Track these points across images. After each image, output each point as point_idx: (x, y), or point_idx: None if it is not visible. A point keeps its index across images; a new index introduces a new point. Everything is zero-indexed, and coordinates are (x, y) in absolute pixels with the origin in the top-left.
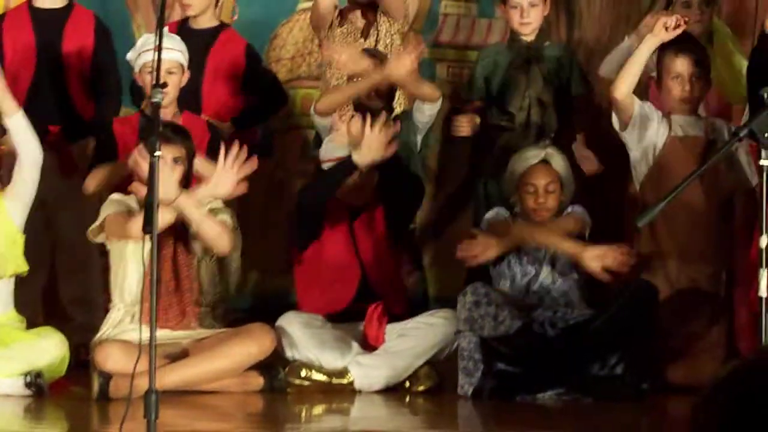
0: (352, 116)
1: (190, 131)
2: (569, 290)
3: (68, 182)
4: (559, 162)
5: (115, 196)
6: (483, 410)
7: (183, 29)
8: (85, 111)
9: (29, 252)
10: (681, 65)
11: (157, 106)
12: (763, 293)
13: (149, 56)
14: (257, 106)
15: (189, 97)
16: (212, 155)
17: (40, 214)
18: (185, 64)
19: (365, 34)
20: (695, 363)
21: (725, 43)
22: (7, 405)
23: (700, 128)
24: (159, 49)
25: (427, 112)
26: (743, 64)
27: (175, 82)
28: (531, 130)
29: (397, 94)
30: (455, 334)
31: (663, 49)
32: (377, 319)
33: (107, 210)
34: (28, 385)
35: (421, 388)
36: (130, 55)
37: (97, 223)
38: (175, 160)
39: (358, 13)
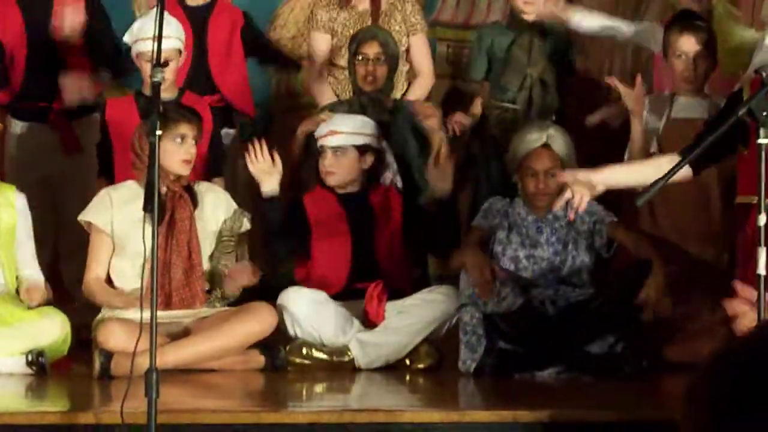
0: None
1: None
2: (581, 270)
3: (72, 161)
4: (560, 144)
5: (105, 192)
6: (483, 387)
7: (182, 7)
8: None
9: (33, 231)
10: (686, 43)
11: (157, 86)
12: (761, 271)
13: (146, 45)
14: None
15: (200, 78)
16: (213, 143)
17: (44, 193)
18: (182, 47)
19: (375, 17)
20: (696, 342)
21: (722, 21)
22: (9, 384)
23: (703, 109)
24: (159, 28)
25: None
26: (744, 35)
27: (173, 68)
28: (533, 110)
29: (397, 81)
30: (458, 309)
31: (669, 28)
32: (377, 297)
33: (95, 211)
34: (30, 364)
35: (421, 365)
36: (126, 38)
37: (85, 217)
38: (194, 139)
39: None
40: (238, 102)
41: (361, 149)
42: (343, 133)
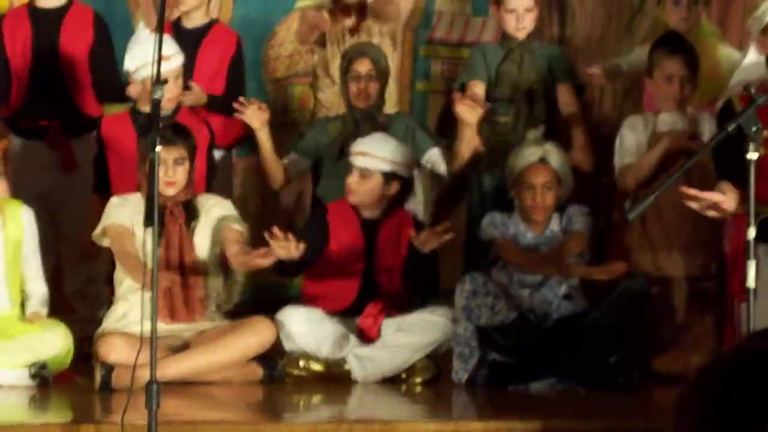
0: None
1: (190, 127)
2: (576, 284)
3: (69, 177)
4: (556, 159)
5: (115, 199)
6: (478, 399)
7: (175, 28)
8: (85, 106)
9: None
10: (673, 66)
11: (156, 103)
12: (750, 284)
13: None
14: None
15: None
16: (210, 156)
17: (44, 209)
18: (180, 66)
19: (355, 31)
20: (687, 354)
21: (708, 41)
22: (11, 396)
23: (684, 123)
24: (159, 48)
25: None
26: (727, 58)
27: (179, 85)
28: (520, 123)
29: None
30: (452, 322)
31: (655, 49)
32: (374, 316)
33: (108, 216)
34: (32, 376)
35: (418, 379)
36: (128, 65)
37: (98, 230)
38: (177, 161)
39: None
40: (214, 128)
41: (388, 176)
42: (372, 157)
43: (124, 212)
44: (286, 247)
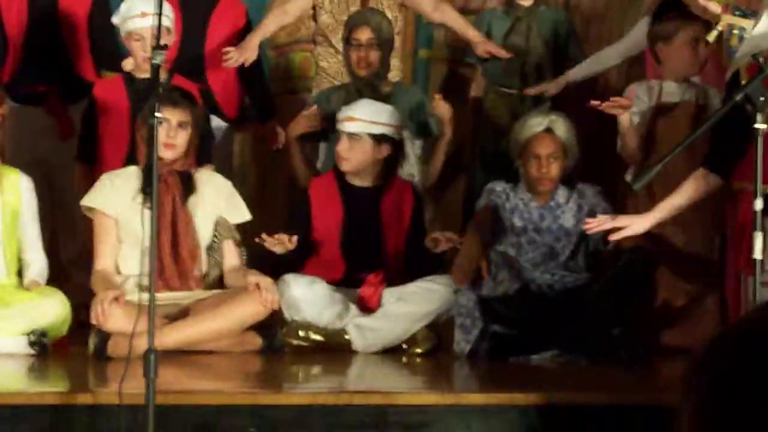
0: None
1: None
2: (580, 256)
3: (68, 144)
4: (562, 130)
5: (106, 178)
6: (479, 370)
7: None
8: (83, 71)
9: None
10: (696, 30)
11: (156, 68)
12: (757, 255)
13: (135, 24)
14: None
15: (191, 65)
16: (204, 126)
17: (40, 176)
18: (170, 25)
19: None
20: (690, 326)
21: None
22: (8, 364)
23: (691, 95)
24: (159, 11)
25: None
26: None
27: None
28: (529, 96)
29: (393, 62)
30: (454, 293)
31: (663, 17)
32: (375, 285)
33: (97, 197)
34: (32, 344)
35: (419, 350)
36: (115, 20)
37: (85, 204)
38: (180, 125)
39: None
40: (222, 100)
41: (377, 138)
42: (360, 121)
43: (112, 198)
44: (279, 244)
